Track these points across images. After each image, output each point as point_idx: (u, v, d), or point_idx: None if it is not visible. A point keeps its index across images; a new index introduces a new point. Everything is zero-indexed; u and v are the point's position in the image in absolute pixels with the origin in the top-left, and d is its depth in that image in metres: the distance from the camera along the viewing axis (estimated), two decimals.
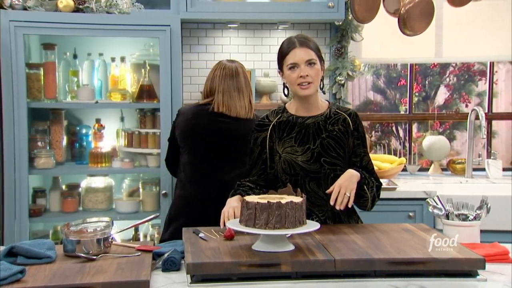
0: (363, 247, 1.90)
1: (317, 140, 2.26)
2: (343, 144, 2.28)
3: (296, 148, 2.26)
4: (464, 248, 1.90)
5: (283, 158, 2.26)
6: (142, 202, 3.49)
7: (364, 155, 2.32)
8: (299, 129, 2.29)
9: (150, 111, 3.49)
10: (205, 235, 2.05)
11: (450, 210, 2.19)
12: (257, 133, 2.33)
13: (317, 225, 1.90)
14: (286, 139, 2.28)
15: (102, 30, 3.18)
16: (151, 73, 3.45)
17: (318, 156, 2.25)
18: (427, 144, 4.04)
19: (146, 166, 3.49)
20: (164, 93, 3.26)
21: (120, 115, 3.65)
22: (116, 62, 3.53)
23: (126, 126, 3.63)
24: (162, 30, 3.22)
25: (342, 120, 2.31)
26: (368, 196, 2.23)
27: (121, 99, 3.42)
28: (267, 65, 3.83)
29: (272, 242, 1.86)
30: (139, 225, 2.35)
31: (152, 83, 3.45)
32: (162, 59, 3.24)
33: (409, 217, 3.30)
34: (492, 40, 3.90)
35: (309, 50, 2.22)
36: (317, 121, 2.29)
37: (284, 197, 1.94)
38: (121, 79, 3.53)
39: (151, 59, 3.49)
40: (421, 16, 3.59)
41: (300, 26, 3.80)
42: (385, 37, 3.87)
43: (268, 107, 3.77)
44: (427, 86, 6.82)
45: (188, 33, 3.79)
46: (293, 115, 2.31)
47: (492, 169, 3.83)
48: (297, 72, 2.21)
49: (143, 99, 3.44)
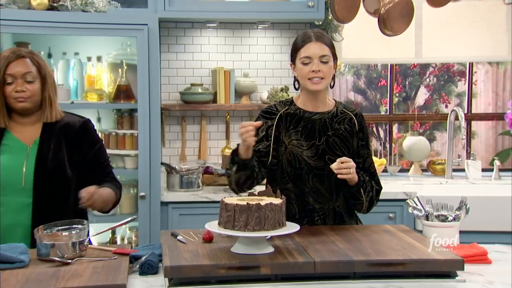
0: (343, 248, 1.92)
1: (323, 137, 2.28)
2: (348, 144, 2.30)
3: (302, 142, 2.27)
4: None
5: (289, 150, 2.27)
6: (119, 205, 3.45)
7: (367, 157, 2.34)
8: (305, 123, 2.29)
9: (127, 111, 3.47)
10: (183, 238, 2.05)
11: (430, 211, 2.22)
12: (263, 118, 2.31)
13: (297, 226, 1.91)
14: (293, 132, 2.28)
15: (77, 29, 3.15)
16: (129, 73, 3.43)
17: (323, 153, 2.26)
18: (408, 145, 4.08)
19: (123, 167, 3.48)
20: (142, 94, 3.25)
21: (97, 116, 3.62)
22: (93, 62, 3.50)
23: (103, 127, 3.61)
24: (140, 29, 3.20)
25: (349, 119, 2.33)
26: (364, 199, 2.25)
27: (98, 100, 3.40)
28: (247, 65, 3.84)
29: (251, 244, 1.86)
30: (116, 227, 2.34)
31: (130, 83, 3.43)
32: (140, 59, 3.23)
33: (390, 218, 3.33)
34: (471, 41, 3.96)
35: (324, 45, 2.23)
36: (324, 118, 2.30)
37: (264, 198, 1.95)
38: (98, 79, 3.50)
39: (128, 59, 3.47)
40: (401, 16, 3.63)
41: (280, 25, 3.81)
42: (365, 37, 3.90)
43: (248, 108, 3.79)
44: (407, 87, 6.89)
45: (166, 32, 3.77)
46: (300, 109, 2.32)
47: (471, 170, 3.89)
48: (309, 67, 2.23)
49: (120, 100, 3.42)
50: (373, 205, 2.33)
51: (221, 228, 1.86)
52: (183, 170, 3.45)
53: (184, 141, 3.83)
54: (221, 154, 3.78)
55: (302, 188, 2.27)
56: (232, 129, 3.86)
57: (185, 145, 3.83)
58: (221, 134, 3.87)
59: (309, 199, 2.27)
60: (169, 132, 3.83)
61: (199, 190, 3.46)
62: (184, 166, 3.49)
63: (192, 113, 3.83)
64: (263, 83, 3.85)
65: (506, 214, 3.26)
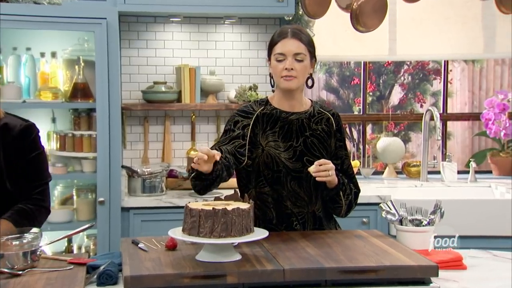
0: (314, 255, 1.93)
1: (300, 138, 2.29)
2: (326, 145, 2.33)
3: (279, 144, 2.28)
4: (417, 255, 1.96)
5: (266, 152, 2.27)
6: (76, 211, 3.44)
7: (345, 158, 2.37)
8: (282, 124, 2.30)
9: (85, 111, 3.44)
10: (145, 245, 2.03)
11: (404, 215, 2.25)
12: (239, 117, 2.31)
13: (266, 232, 1.92)
14: (270, 133, 2.29)
15: (29, 22, 3.10)
16: (86, 70, 3.39)
17: (301, 155, 2.28)
18: (382, 146, 4.14)
19: (80, 171, 3.45)
20: (101, 92, 3.22)
21: (51, 116, 3.57)
22: (46, 58, 3.45)
23: (58, 128, 3.56)
24: (98, 23, 3.17)
25: (326, 119, 2.35)
26: (343, 203, 2.29)
27: (52, 98, 3.35)
28: (213, 62, 3.84)
29: (217, 252, 1.86)
30: (72, 235, 2.31)
31: (87, 81, 3.40)
32: (98, 55, 3.20)
33: (363, 223, 3.37)
34: (446, 38, 4.03)
35: (300, 43, 2.25)
36: (301, 118, 2.32)
37: (230, 203, 1.95)
38: (52, 76, 3.45)
39: (85, 55, 3.43)
40: (374, 11, 3.68)
41: (248, 21, 3.82)
42: (337, 33, 3.94)
43: (214, 107, 3.78)
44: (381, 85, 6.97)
45: (127, 27, 3.74)
46: (276, 109, 2.32)
47: (447, 172, 3.96)
48: (283, 64, 2.24)
49: (77, 99, 3.39)
50: (352, 209, 2.36)
51: (185, 235, 1.86)
52: (146, 174, 3.43)
53: (147, 142, 3.81)
54: (186, 156, 3.77)
55: (280, 191, 2.28)
56: (197, 130, 3.85)
57: (148, 147, 3.81)
58: (186, 135, 3.85)
59: (287, 203, 2.29)
60: (131, 133, 3.80)
61: (162, 194, 3.44)
62: (147, 169, 3.46)
63: (155, 113, 3.81)
64: (231, 82, 3.85)
65: (482, 218, 3.33)
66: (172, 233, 1.90)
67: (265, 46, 3.93)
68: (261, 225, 2.16)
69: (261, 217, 2.29)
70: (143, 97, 3.72)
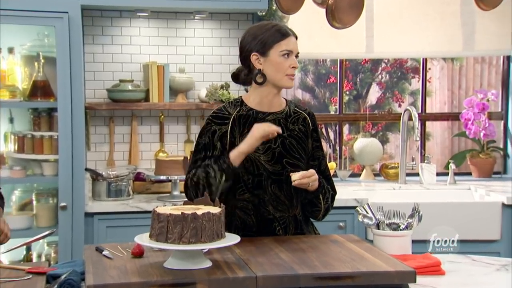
0: (287, 261, 1.94)
1: (278, 139, 2.30)
2: (304, 145, 2.35)
3: (258, 146, 2.28)
4: (394, 260, 1.98)
5: (247, 156, 2.27)
6: (35, 217, 3.41)
7: (322, 159, 2.40)
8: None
9: (45, 111, 3.42)
10: (110, 253, 2.02)
11: (381, 219, 2.27)
12: (216, 126, 2.30)
13: (237, 238, 1.92)
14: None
15: None
16: (46, 67, 3.37)
17: (279, 157, 2.30)
18: (359, 147, 4.18)
19: (41, 174, 3.42)
20: (62, 91, 3.20)
21: (9, 116, 3.54)
22: (3, 54, 3.41)
23: (16, 129, 3.52)
24: (59, 18, 3.16)
25: (302, 119, 2.38)
26: (322, 207, 2.32)
27: (10, 97, 3.33)
28: (183, 59, 3.83)
29: (186, 259, 1.86)
30: (31, 243, 2.28)
31: (48, 79, 3.37)
32: (60, 51, 3.18)
33: (340, 227, 3.39)
34: (425, 35, 4.09)
35: (296, 43, 2.32)
36: (278, 118, 2.33)
37: (200, 207, 1.95)
38: (10, 73, 3.42)
39: (46, 51, 3.41)
40: (350, 7, 3.71)
41: (219, 16, 3.82)
42: (312, 30, 3.97)
43: (184, 107, 3.78)
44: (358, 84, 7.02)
45: (91, 21, 3.72)
46: (253, 110, 2.33)
47: (425, 174, 4.02)
48: (289, 61, 2.26)
49: (37, 97, 3.36)
50: (329, 212, 2.39)
51: (152, 241, 1.85)
52: (111, 177, 3.41)
53: (112, 144, 3.78)
54: (154, 158, 3.75)
55: (262, 196, 2.29)
56: (166, 131, 3.84)
57: (113, 148, 3.79)
58: (154, 136, 3.84)
59: (269, 208, 2.30)
60: (95, 134, 3.77)
61: (129, 199, 3.43)
62: (112, 172, 3.45)
63: (121, 113, 3.79)
64: (201, 80, 3.85)
65: (461, 222, 3.38)
66: (139, 239, 1.89)
67: (237, 42, 3.93)
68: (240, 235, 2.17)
69: (240, 226, 2.29)
70: (108, 96, 3.70)
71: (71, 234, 3.23)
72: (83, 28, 3.55)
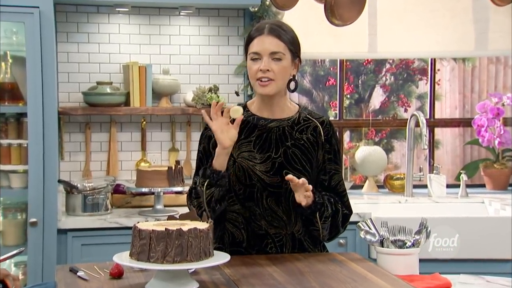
0: (282, 282, 1.94)
1: (280, 148, 2.30)
2: (311, 157, 2.33)
3: (254, 155, 2.28)
4: (400, 281, 1.99)
5: (238, 164, 2.28)
6: (2, 234, 3.40)
7: (334, 173, 2.36)
8: (259, 132, 2.32)
9: (13, 116, 3.41)
10: (85, 274, 2.02)
11: (385, 235, 2.28)
12: (211, 131, 2.29)
13: (227, 256, 1.93)
14: (244, 142, 2.30)
15: None
16: (15, 67, 3.38)
17: (279, 168, 2.29)
18: (361, 156, 4.19)
19: (8, 187, 3.41)
20: (33, 94, 3.20)
21: None
22: None
23: None
24: (29, 13, 3.16)
25: (313, 128, 2.36)
26: (319, 226, 2.28)
27: None
28: (167, 60, 3.84)
29: (171, 279, 1.86)
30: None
31: (16, 81, 3.38)
32: (30, 50, 3.18)
33: (340, 244, 3.40)
34: (433, 33, 4.11)
35: (279, 41, 2.26)
36: (282, 125, 2.33)
37: (186, 223, 1.95)
38: None
39: (14, 50, 3.42)
40: (351, 2, 3.74)
41: (207, 12, 3.84)
42: (309, 27, 3.98)
43: (168, 112, 3.78)
44: (360, 87, 7.06)
45: (64, 17, 3.72)
46: (254, 115, 2.34)
47: (434, 186, 4.03)
48: (258, 64, 2.25)
49: (4, 101, 3.36)
50: (339, 233, 2.37)
51: (133, 260, 1.85)
52: (87, 189, 3.41)
53: (89, 153, 3.78)
54: (135, 169, 3.75)
55: (253, 209, 2.29)
56: (148, 138, 3.84)
57: (90, 158, 3.79)
58: (135, 144, 3.84)
59: (262, 222, 2.30)
60: (69, 142, 3.77)
61: (107, 213, 3.43)
62: (88, 184, 3.45)
63: (99, 119, 3.79)
64: (187, 82, 3.86)
65: (474, 239, 3.39)
66: (118, 258, 1.89)
67: (227, 41, 3.97)
68: (228, 250, 2.17)
69: (228, 241, 2.30)
70: (84, 100, 3.70)
71: (41, 253, 3.21)
72: (56, 25, 3.56)
